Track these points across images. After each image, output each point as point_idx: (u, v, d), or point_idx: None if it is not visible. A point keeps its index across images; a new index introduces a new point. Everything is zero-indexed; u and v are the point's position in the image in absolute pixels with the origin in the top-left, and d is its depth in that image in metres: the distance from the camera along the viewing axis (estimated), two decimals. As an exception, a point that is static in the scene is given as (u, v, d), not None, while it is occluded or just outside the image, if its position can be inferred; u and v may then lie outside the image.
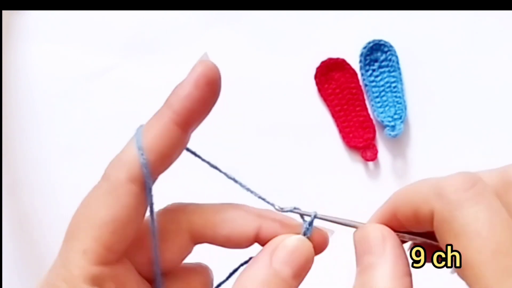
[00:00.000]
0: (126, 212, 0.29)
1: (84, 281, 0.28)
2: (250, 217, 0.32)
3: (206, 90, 0.30)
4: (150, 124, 0.31)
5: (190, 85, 0.31)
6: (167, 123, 0.30)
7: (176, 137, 0.30)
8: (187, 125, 0.31)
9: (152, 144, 0.30)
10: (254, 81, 0.62)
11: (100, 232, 0.29)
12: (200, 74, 0.31)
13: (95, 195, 0.31)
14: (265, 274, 0.30)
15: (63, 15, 0.64)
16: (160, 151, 0.30)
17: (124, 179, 0.30)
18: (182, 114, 0.30)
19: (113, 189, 0.30)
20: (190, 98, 0.30)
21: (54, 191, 0.63)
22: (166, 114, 0.31)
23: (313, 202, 0.61)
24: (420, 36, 0.61)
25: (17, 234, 0.62)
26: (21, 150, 0.63)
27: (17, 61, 0.64)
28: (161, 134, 0.30)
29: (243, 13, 0.63)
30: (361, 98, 0.61)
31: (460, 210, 0.27)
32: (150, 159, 0.30)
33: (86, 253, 0.29)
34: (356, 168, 0.61)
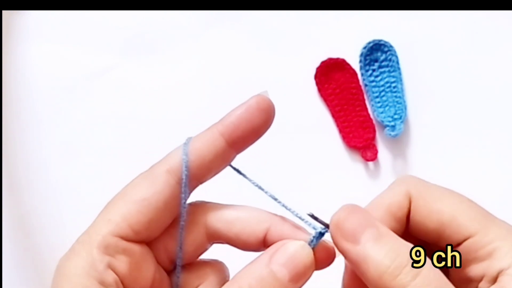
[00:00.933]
0: (157, 197, 0.32)
1: (98, 247, 0.30)
2: (261, 218, 0.33)
3: (255, 115, 0.33)
4: (200, 134, 0.34)
5: (241, 108, 0.34)
6: (213, 133, 0.33)
7: (219, 146, 0.33)
8: (232, 139, 0.33)
9: (196, 147, 0.33)
10: (254, 81, 0.62)
11: (128, 207, 0.31)
12: (253, 101, 0.34)
13: (135, 179, 0.33)
14: (261, 272, 0.31)
15: (63, 15, 0.64)
16: (202, 155, 0.33)
17: (164, 169, 0.33)
18: (228, 127, 0.33)
19: (151, 175, 0.33)
20: (239, 117, 0.33)
21: (54, 191, 0.63)
22: (215, 126, 0.34)
23: (313, 202, 0.61)
24: (420, 36, 0.61)
25: (17, 234, 0.62)
26: (21, 150, 0.63)
27: (17, 61, 0.64)
28: (206, 140, 0.33)
29: (243, 13, 0.63)
30: (361, 98, 0.61)
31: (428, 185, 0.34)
32: (191, 159, 0.32)
33: (110, 223, 0.31)
34: (356, 168, 0.61)
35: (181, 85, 0.63)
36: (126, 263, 0.31)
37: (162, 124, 0.63)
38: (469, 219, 0.31)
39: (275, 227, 0.33)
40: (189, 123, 0.63)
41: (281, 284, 0.30)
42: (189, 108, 0.63)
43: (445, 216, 0.32)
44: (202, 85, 0.63)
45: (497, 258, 0.30)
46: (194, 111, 0.63)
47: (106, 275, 0.30)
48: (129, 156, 0.63)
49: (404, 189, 0.34)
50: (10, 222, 0.62)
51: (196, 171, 0.32)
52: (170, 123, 0.63)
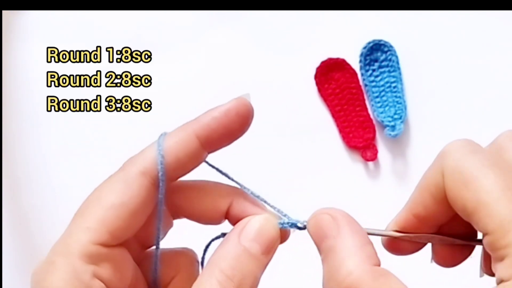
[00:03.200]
0: (134, 200, 0.31)
1: (81, 257, 0.30)
2: (222, 194, 0.34)
3: (233, 120, 0.33)
4: (174, 131, 0.34)
5: (219, 111, 0.33)
6: (188, 133, 0.33)
7: (194, 147, 0.33)
8: (207, 141, 0.33)
9: (171, 146, 0.33)
10: (254, 81, 0.62)
11: (106, 214, 0.31)
12: (233, 105, 0.34)
13: (108, 181, 0.33)
14: (235, 251, 0.31)
15: (63, 15, 0.64)
16: (177, 155, 0.32)
17: (138, 171, 0.32)
18: (204, 129, 0.33)
19: (125, 178, 0.32)
20: (216, 120, 0.33)
21: (54, 191, 0.63)
22: (190, 126, 0.34)
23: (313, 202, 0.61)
24: (420, 36, 0.61)
25: (17, 234, 0.62)
26: (21, 150, 0.63)
27: (17, 61, 0.64)
28: (181, 140, 0.33)
29: (243, 13, 0.63)
30: (361, 98, 0.61)
31: (466, 160, 0.29)
32: (166, 159, 0.32)
33: (89, 231, 0.30)
34: (356, 168, 0.61)
35: (181, 85, 0.63)
36: (109, 269, 0.30)
37: (162, 124, 0.63)
38: (490, 215, 0.28)
39: (237, 200, 0.33)
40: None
41: (256, 258, 0.31)
42: (189, 108, 0.63)
43: (469, 205, 0.29)
44: (202, 85, 0.63)
45: (504, 265, 0.28)
46: (194, 111, 0.63)
47: (93, 284, 0.29)
48: (129, 156, 0.63)
49: (440, 165, 0.31)
50: (10, 222, 0.62)
51: (170, 171, 0.32)
52: (170, 123, 0.63)
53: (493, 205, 0.28)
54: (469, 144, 0.31)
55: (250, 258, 0.31)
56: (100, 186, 0.33)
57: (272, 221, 0.33)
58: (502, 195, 0.28)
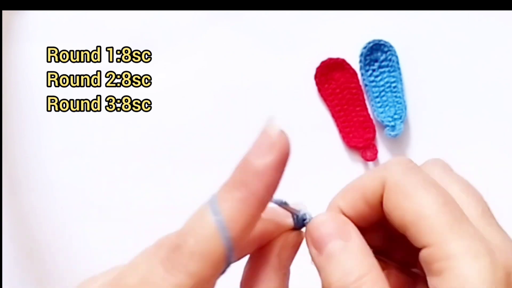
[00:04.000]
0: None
1: None
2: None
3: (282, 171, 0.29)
4: (234, 208, 0.28)
5: (272, 170, 0.29)
6: (255, 214, 0.28)
7: (255, 219, 0.28)
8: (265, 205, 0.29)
9: (237, 235, 0.27)
10: (254, 81, 0.62)
11: None
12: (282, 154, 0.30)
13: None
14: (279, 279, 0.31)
15: (63, 15, 0.64)
16: (242, 237, 0.28)
17: (209, 275, 0.27)
18: (266, 201, 0.29)
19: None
20: (275, 185, 0.29)
21: (54, 191, 0.63)
22: (250, 204, 0.28)
23: (313, 202, 0.61)
24: (420, 36, 0.61)
25: (17, 234, 0.62)
26: (21, 150, 0.63)
27: (17, 61, 0.64)
28: (248, 224, 0.28)
29: (243, 13, 0.63)
30: (361, 98, 0.61)
31: (409, 175, 0.30)
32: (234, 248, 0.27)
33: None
34: (356, 168, 0.61)
35: (181, 85, 0.63)
36: None
37: (162, 124, 0.63)
38: (429, 227, 0.28)
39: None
40: (188, 123, 0.63)
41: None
42: (189, 108, 0.63)
43: (408, 217, 0.29)
44: (202, 85, 0.63)
45: (445, 279, 0.27)
46: (193, 111, 0.63)
47: None
48: (129, 156, 0.63)
49: (382, 175, 0.31)
50: (10, 222, 0.62)
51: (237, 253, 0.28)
52: (169, 122, 0.63)
53: (434, 217, 0.28)
54: (410, 162, 0.32)
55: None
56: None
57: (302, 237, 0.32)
58: (442, 208, 0.29)
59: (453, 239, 0.28)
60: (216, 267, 0.27)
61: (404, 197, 0.30)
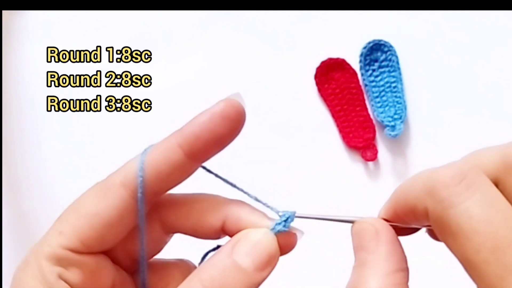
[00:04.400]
0: (109, 212, 0.30)
1: (47, 258, 0.30)
2: (216, 207, 0.32)
3: (221, 124, 0.30)
4: (158, 144, 0.31)
5: (205, 116, 0.31)
6: (171, 145, 0.31)
7: (177, 158, 0.30)
8: (192, 151, 0.30)
9: (153, 158, 0.31)
10: (254, 81, 0.62)
11: (79, 222, 0.30)
12: (220, 108, 0.31)
13: (90, 189, 0.32)
14: (223, 262, 0.29)
15: (63, 15, 0.64)
16: (157, 167, 0.30)
17: (117, 182, 0.31)
18: (188, 139, 0.30)
19: (104, 188, 0.31)
20: (201, 127, 0.30)
21: (54, 191, 0.63)
22: (173, 136, 0.31)
23: (313, 202, 0.61)
24: (420, 36, 0.61)
25: (17, 234, 0.62)
26: (21, 150, 0.63)
27: (17, 61, 0.64)
28: (163, 152, 0.31)
29: (243, 13, 0.63)
30: (361, 98, 0.61)
31: (453, 208, 0.26)
32: (147, 172, 0.30)
33: (60, 235, 0.30)
34: (356, 168, 0.61)
35: (181, 85, 0.63)
36: (79, 275, 0.30)
37: (162, 124, 0.63)
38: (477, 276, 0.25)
39: (232, 215, 0.31)
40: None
41: (245, 273, 0.29)
42: (189, 108, 0.63)
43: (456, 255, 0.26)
44: (202, 85, 0.63)
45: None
46: (193, 110, 0.63)
47: (58, 285, 0.29)
48: (129, 156, 0.63)
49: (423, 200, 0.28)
50: (10, 222, 0.62)
51: (153, 185, 0.30)
52: (170, 123, 0.63)
53: (480, 268, 0.25)
54: (458, 176, 0.27)
55: (237, 273, 0.29)
56: (83, 193, 0.32)
57: (271, 236, 0.30)
58: (490, 257, 0.25)
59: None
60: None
61: (450, 236, 0.26)
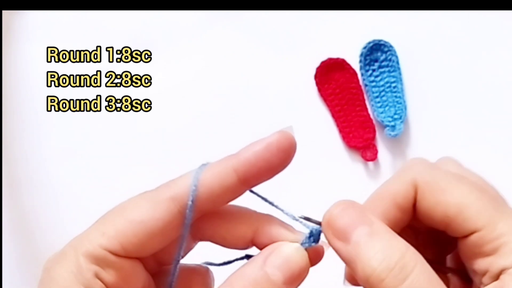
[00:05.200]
0: (154, 222, 0.31)
1: (86, 255, 0.30)
2: (247, 220, 0.33)
3: (275, 154, 0.32)
4: (214, 164, 0.32)
5: (261, 145, 0.32)
6: (227, 167, 0.32)
7: (230, 182, 0.32)
8: (245, 176, 0.32)
9: (207, 178, 0.32)
10: (254, 81, 0.62)
11: (124, 226, 0.31)
12: (275, 139, 0.32)
13: (138, 197, 0.32)
14: (255, 275, 0.30)
15: (63, 15, 0.64)
16: (211, 188, 0.31)
17: (168, 195, 0.31)
18: (243, 165, 0.32)
19: (154, 199, 0.32)
20: (257, 155, 0.32)
21: (54, 191, 0.63)
22: (229, 160, 0.32)
23: (313, 202, 0.61)
24: (420, 36, 0.61)
25: (17, 234, 0.62)
26: (21, 150, 0.63)
27: (17, 61, 0.64)
28: (218, 175, 0.32)
29: (243, 13, 0.63)
30: (361, 98, 0.61)
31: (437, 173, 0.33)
32: (200, 191, 0.31)
33: (102, 235, 0.31)
34: (356, 168, 0.61)
35: (181, 85, 0.63)
36: (114, 276, 0.31)
37: (162, 124, 0.63)
38: (476, 213, 0.30)
39: (263, 228, 0.33)
40: (188, 123, 0.63)
41: (275, 286, 0.30)
42: (189, 108, 0.63)
43: (451, 209, 0.31)
44: (202, 84, 0.63)
45: (502, 255, 0.30)
46: (193, 110, 0.63)
47: (94, 283, 0.30)
48: (129, 156, 0.63)
49: (410, 177, 0.33)
50: (10, 222, 0.62)
51: (202, 203, 0.31)
52: (169, 122, 0.63)
53: (478, 203, 0.31)
54: (428, 161, 0.33)
55: (268, 285, 0.30)
56: (130, 199, 0.33)
57: (302, 252, 0.31)
58: (482, 195, 0.31)
59: (501, 219, 0.30)
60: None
61: (442, 192, 0.31)
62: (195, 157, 0.62)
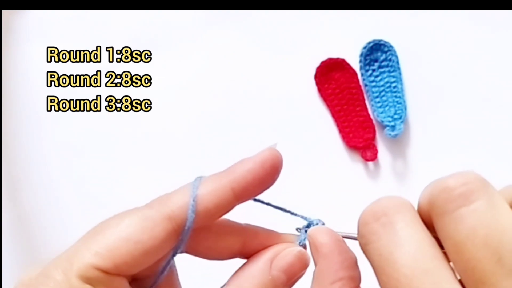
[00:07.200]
0: (151, 242, 0.31)
1: (80, 277, 0.29)
2: (235, 230, 0.34)
3: (268, 172, 0.32)
4: (209, 180, 0.32)
5: (256, 162, 0.32)
6: (225, 186, 0.32)
7: (227, 200, 0.32)
8: (241, 194, 0.32)
9: (204, 196, 0.31)
10: (254, 81, 0.62)
11: (119, 245, 0.30)
12: (268, 157, 0.32)
13: (133, 213, 0.32)
14: (262, 278, 0.31)
15: (63, 15, 0.64)
16: (208, 207, 0.31)
17: (165, 214, 0.31)
18: (241, 183, 0.32)
19: (151, 219, 0.31)
20: (253, 173, 0.32)
21: (54, 191, 0.63)
22: (227, 177, 0.32)
23: (313, 202, 0.61)
24: (420, 36, 0.61)
25: (17, 234, 0.62)
26: (21, 150, 0.63)
27: (17, 61, 0.64)
28: (216, 193, 0.32)
29: (243, 13, 0.63)
30: (361, 98, 0.61)
31: (367, 245, 0.28)
32: (197, 209, 0.31)
33: (96, 256, 0.30)
34: (356, 168, 0.61)
35: (181, 85, 0.63)
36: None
37: (162, 124, 0.63)
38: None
39: (250, 240, 0.33)
40: (188, 123, 0.63)
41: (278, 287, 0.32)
42: (189, 108, 0.63)
43: None
44: (202, 84, 0.63)
45: None
46: (194, 110, 0.63)
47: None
48: (129, 156, 0.63)
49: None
50: (10, 222, 0.62)
51: (198, 221, 0.31)
52: (169, 122, 0.63)
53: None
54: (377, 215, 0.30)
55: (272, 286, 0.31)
56: (122, 214, 0.32)
57: (307, 256, 0.32)
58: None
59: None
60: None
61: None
62: (195, 157, 0.63)
